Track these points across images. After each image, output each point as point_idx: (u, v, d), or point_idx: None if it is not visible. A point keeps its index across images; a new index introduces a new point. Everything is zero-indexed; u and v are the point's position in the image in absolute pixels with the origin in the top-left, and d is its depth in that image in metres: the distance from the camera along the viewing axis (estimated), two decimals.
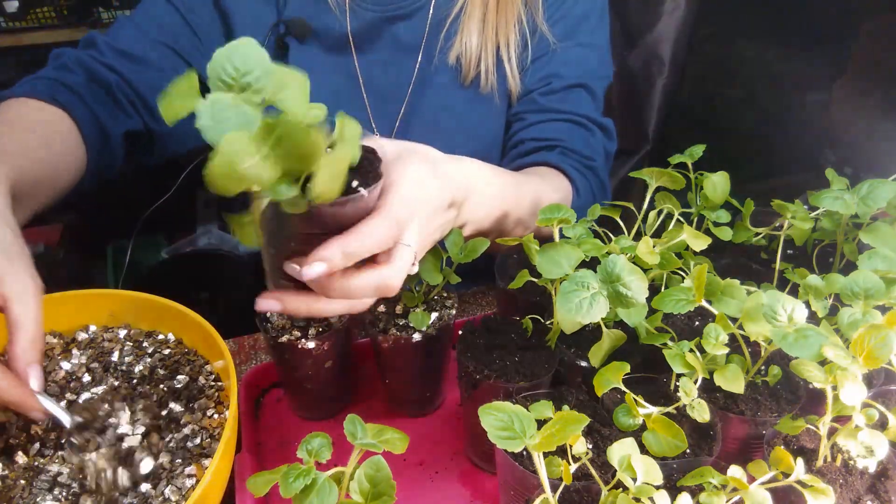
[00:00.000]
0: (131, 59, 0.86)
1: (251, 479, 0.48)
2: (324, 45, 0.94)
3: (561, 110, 0.94)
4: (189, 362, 0.71)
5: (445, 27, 0.93)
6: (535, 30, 0.95)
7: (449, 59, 0.94)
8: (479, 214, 0.68)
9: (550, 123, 0.94)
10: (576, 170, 0.89)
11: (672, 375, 0.60)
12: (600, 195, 0.94)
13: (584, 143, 0.93)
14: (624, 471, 0.47)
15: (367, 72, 0.96)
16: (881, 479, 0.53)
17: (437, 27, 0.94)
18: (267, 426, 0.76)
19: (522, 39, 0.95)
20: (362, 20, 0.92)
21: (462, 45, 0.93)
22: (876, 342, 0.48)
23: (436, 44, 0.94)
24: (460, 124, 0.98)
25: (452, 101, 0.97)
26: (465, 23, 0.92)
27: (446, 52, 0.94)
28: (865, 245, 0.66)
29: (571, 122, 0.94)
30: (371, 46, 0.95)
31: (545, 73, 0.95)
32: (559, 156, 0.90)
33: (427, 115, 0.97)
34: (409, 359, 0.71)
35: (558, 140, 0.91)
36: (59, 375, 0.67)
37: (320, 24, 0.92)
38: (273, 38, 0.91)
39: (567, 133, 0.93)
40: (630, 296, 0.55)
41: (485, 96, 0.96)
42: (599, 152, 0.95)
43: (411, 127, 0.98)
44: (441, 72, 0.95)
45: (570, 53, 0.96)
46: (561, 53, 0.95)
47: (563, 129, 0.93)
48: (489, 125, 0.99)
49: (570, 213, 0.63)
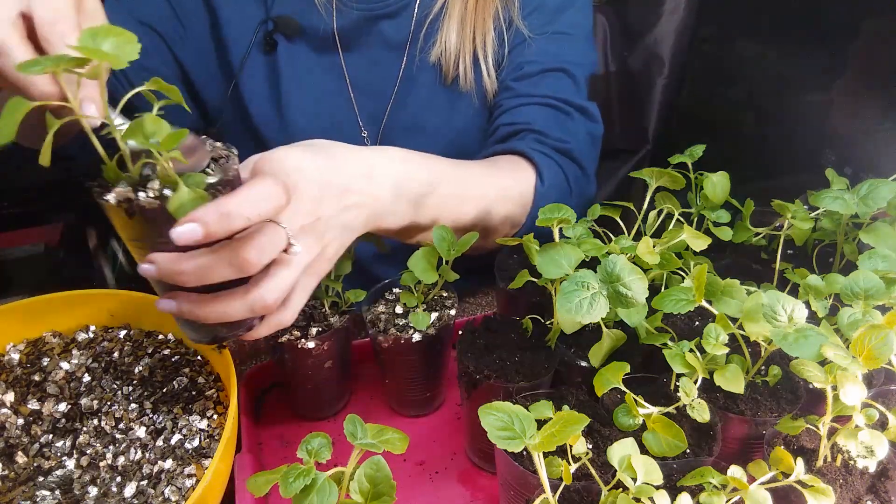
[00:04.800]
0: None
1: (251, 479, 0.48)
2: (311, 44, 0.94)
3: (534, 94, 0.92)
4: (189, 363, 0.71)
5: (426, 26, 0.93)
6: (510, 24, 0.95)
7: (430, 59, 0.94)
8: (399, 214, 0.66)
9: (523, 108, 0.92)
10: (543, 154, 0.87)
11: (672, 375, 0.60)
12: (578, 182, 0.91)
13: (558, 125, 0.91)
14: (624, 471, 0.47)
15: (354, 70, 0.96)
16: (881, 479, 0.53)
17: (419, 26, 0.94)
18: (267, 426, 0.76)
19: (499, 37, 0.95)
20: (348, 18, 0.92)
21: (442, 44, 0.93)
22: (876, 342, 0.48)
23: (418, 43, 0.94)
24: (445, 123, 0.98)
25: (436, 100, 0.97)
26: (446, 22, 0.92)
27: (428, 52, 0.94)
28: (865, 245, 0.66)
29: (545, 105, 0.92)
30: (357, 45, 0.95)
31: (520, 60, 0.95)
32: (526, 141, 0.88)
33: (413, 113, 0.98)
34: (409, 359, 0.71)
35: (529, 123, 0.90)
36: (59, 375, 0.67)
37: (307, 22, 0.92)
38: (261, 35, 0.91)
39: (539, 115, 0.91)
40: (630, 296, 0.55)
41: (465, 95, 0.96)
42: (578, 135, 0.92)
43: (397, 125, 0.98)
44: (424, 71, 0.96)
45: (545, 41, 0.95)
46: (536, 42, 0.94)
47: (534, 112, 0.91)
48: (470, 123, 0.99)
49: (570, 214, 0.63)
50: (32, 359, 0.69)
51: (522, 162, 0.86)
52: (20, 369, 0.68)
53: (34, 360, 0.69)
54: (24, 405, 0.64)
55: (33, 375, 0.67)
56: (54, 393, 0.65)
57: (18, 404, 0.64)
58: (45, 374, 0.68)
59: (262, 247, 0.48)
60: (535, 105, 0.92)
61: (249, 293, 0.51)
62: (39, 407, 0.64)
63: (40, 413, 0.63)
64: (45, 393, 0.65)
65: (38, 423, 0.63)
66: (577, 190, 0.90)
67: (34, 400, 0.65)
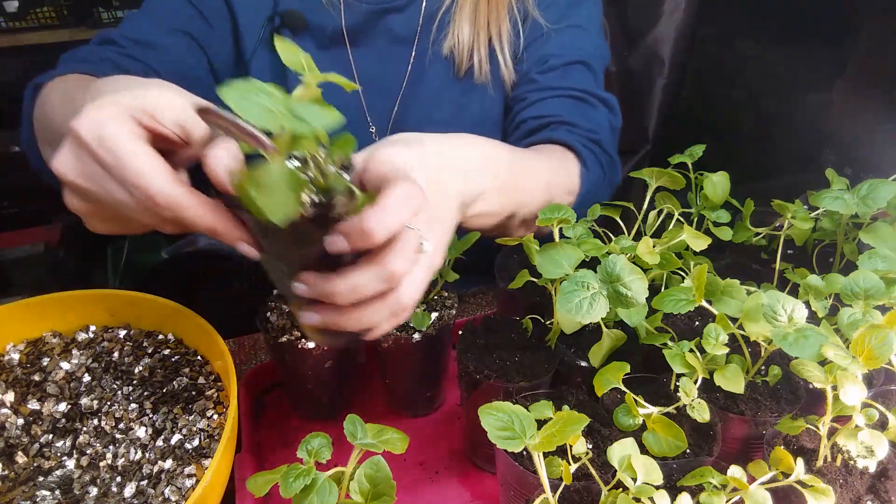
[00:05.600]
0: (152, 47, 0.86)
1: (251, 479, 0.48)
2: (318, 39, 0.94)
3: (561, 86, 0.93)
4: (189, 362, 0.71)
5: (437, 19, 0.93)
6: (526, 17, 0.95)
7: (443, 51, 0.94)
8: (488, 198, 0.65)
9: (551, 100, 0.93)
10: (582, 145, 0.88)
11: (672, 375, 0.60)
12: (609, 169, 0.92)
13: (586, 117, 0.92)
14: (624, 471, 0.47)
15: (362, 66, 0.96)
16: (881, 479, 0.53)
17: (429, 19, 0.94)
18: (267, 426, 0.76)
19: (514, 28, 0.95)
20: (357, 14, 0.93)
21: (454, 36, 0.93)
22: (876, 342, 0.48)
23: (429, 36, 0.94)
24: (455, 116, 0.98)
25: (447, 94, 0.97)
26: (457, 14, 0.92)
27: (440, 45, 0.94)
28: (865, 245, 0.66)
29: (572, 98, 0.93)
30: (365, 40, 0.95)
31: (542, 53, 0.95)
32: (559, 132, 0.89)
33: (422, 107, 0.98)
34: (409, 359, 0.71)
35: (559, 115, 0.90)
36: (59, 375, 0.67)
37: (314, 18, 0.92)
38: (268, 31, 0.91)
39: (568, 108, 0.92)
40: (630, 296, 0.55)
41: (479, 87, 0.96)
42: (604, 126, 0.94)
43: (406, 120, 0.98)
44: (435, 64, 0.96)
45: (565, 35, 0.96)
46: (555, 36, 0.95)
47: (564, 105, 0.92)
48: (484, 116, 0.99)
49: (570, 214, 0.63)
50: (32, 359, 0.69)
51: (566, 151, 0.87)
52: (20, 369, 0.68)
53: (34, 360, 0.69)
54: (24, 405, 0.64)
55: (33, 375, 0.67)
56: (54, 393, 0.65)
57: (18, 404, 0.64)
58: (45, 374, 0.68)
59: (406, 255, 0.48)
60: (561, 97, 0.93)
61: (389, 298, 0.51)
62: (39, 407, 0.64)
63: (40, 413, 0.63)
64: (45, 393, 0.65)
65: (38, 423, 0.63)
66: (610, 178, 0.92)
67: (34, 400, 0.65)
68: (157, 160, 0.44)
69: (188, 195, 0.45)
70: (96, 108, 0.44)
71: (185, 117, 0.47)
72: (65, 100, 0.63)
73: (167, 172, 0.45)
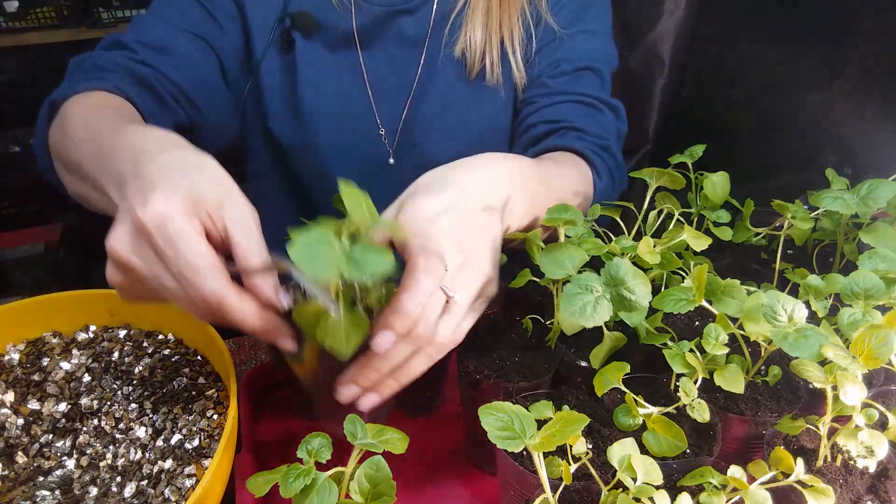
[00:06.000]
0: (165, 52, 0.85)
1: (251, 479, 0.48)
2: (329, 41, 0.93)
3: (571, 91, 0.93)
4: (189, 362, 0.71)
5: (450, 21, 0.93)
6: (539, 20, 0.95)
7: (454, 54, 0.94)
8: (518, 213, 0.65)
9: (560, 105, 0.93)
10: (593, 152, 0.88)
11: (672, 375, 0.60)
12: (618, 174, 0.92)
13: (595, 123, 0.92)
14: (624, 471, 0.47)
15: (372, 67, 0.96)
16: (881, 479, 0.53)
17: (441, 21, 0.94)
18: (267, 426, 0.76)
19: (527, 31, 0.95)
20: (368, 15, 0.92)
21: (466, 38, 0.93)
22: (876, 342, 0.48)
23: (440, 38, 0.94)
24: (465, 118, 0.98)
25: (457, 96, 0.97)
26: (469, 16, 0.92)
27: (451, 47, 0.94)
28: (865, 245, 0.66)
29: (581, 103, 0.93)
30: (376, 42, 0.95)
31: (554, 57, 0.96)
32: (569, 138, 0.89)
33: (432, 110, 0.97)
34: None
35: (569, 121, 0.90)
36: (59, 375, 0.67)
37: (325, 19, 0.92)
38: (278, 33, 0.91)
39: (577, 113, 0.92)
40: (634, 300, 0.54)
41: (490, 89, 0.96)
42: (612, 131, 0.94)
43: (416, 122, 0.98)
44: (446, 66, 0.95)
45: (576, 39, 0.96)
46: (567, 40, 0.96)
47: (573, 110, 0.92)
48: (494, 118, 0.99)
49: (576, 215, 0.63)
50: (32, 359, 0.69)
51: (577, 158, 0.87)
52: (20, 369, 0.68)
53: (34, 360, 0.69)
54: (24, 405, 0.64)
55: (33, 375, 0.67)
56: (54, 393, 0.65)
57: (18, 404, 0.64)
58: (45, 374, 0.68)
59: (432, 322, 0.52)
60: (571, 102, 0.93)
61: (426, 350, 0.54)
62: (39, 407, 0.64)
63: (40, 413, 0.63)
64: (45, 393, 0.65)
65: (38, 423, 0.63)
66: (618, 183, 0.92)
67: (34, 400, 0.65)
68: (214, 259, 0.46)
69: (238, 298, 0.47)
70: (164, 198, 0.45)
71: (252, 242, 0.48)
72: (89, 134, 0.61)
73: (222, 273, 0.46)
